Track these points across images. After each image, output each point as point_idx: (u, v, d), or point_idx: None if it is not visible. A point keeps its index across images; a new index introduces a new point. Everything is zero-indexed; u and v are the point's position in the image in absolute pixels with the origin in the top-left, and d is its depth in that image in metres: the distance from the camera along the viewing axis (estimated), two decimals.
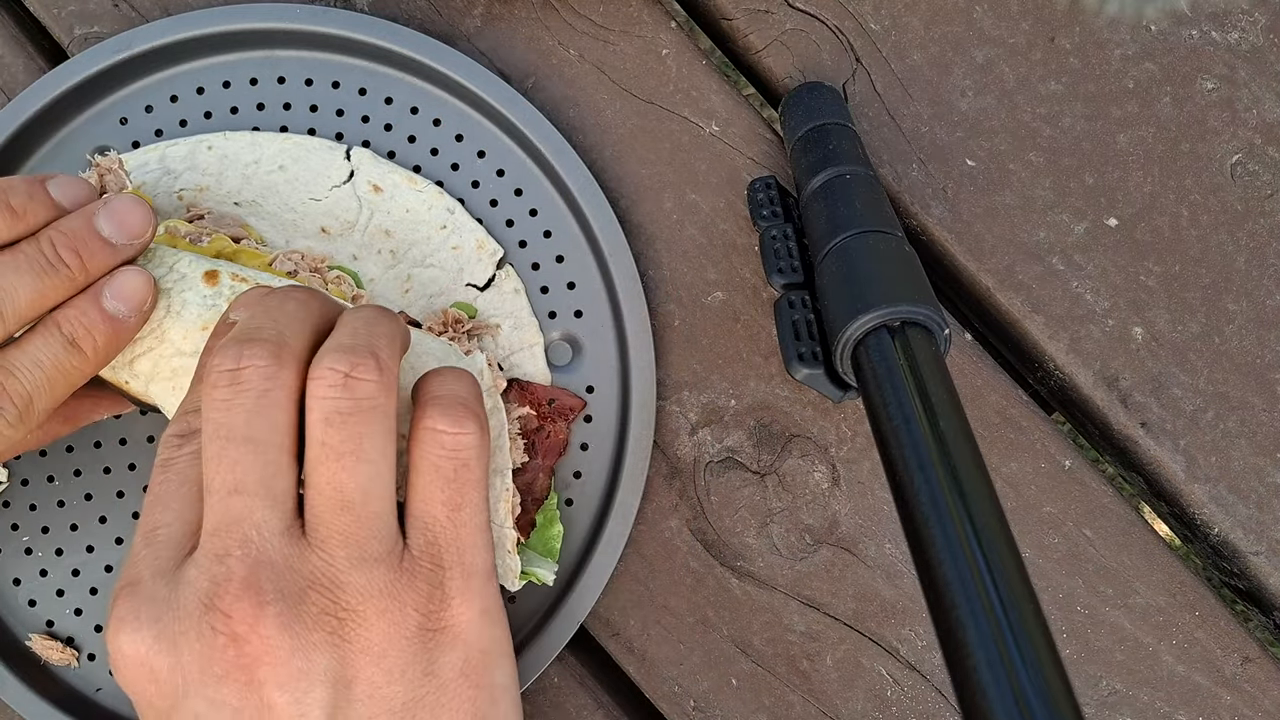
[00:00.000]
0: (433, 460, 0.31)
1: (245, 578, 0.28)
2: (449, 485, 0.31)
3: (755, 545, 0.41)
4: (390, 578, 0.29)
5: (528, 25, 0.44)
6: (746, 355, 0.42)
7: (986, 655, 0.23)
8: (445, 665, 0.30)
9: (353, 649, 0.28)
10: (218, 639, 0.27)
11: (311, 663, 0.28)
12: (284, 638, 0.27)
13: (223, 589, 0.28)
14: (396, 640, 0.29)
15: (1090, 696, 0.41)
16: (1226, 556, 0.42)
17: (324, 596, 0.28)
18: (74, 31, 0.44)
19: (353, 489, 0.29)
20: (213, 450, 0.29)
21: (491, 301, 0.41)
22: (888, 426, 0.30)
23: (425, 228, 0.41)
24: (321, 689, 0.28)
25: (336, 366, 0.29)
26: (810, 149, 0.39)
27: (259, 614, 0.27)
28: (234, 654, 0.27)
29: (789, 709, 0.40)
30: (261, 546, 0.28)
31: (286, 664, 0.27)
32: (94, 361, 0.34)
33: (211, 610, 0.27)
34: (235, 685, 0.27)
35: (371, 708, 0.28)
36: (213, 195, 0.41)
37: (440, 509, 0.31)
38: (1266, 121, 0.43)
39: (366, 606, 0.29)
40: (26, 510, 0.41)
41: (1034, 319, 0.43)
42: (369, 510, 0.29)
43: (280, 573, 0.28)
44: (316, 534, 0.29)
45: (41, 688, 0.39)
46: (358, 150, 0.42)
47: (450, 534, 0.31)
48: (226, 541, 0.28)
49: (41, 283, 0.33)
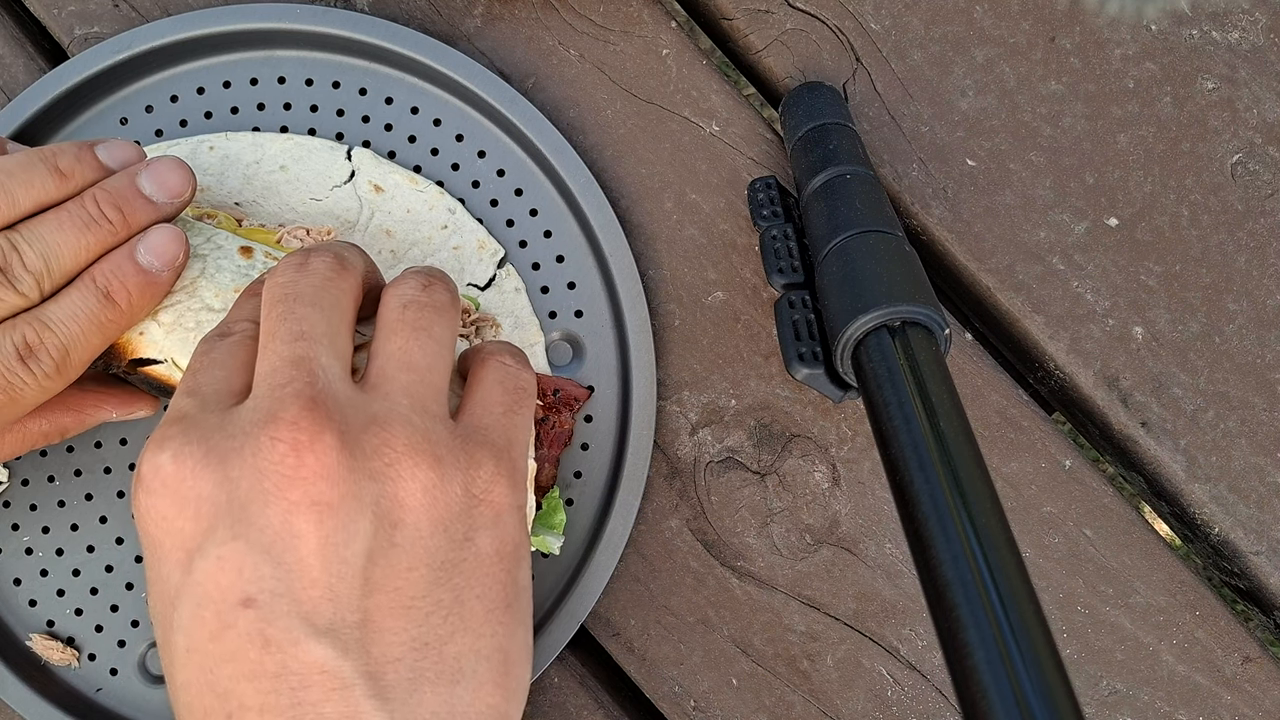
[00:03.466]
0: (497, 375, 0.33)
1: (310, 396, 0.28)
2: (509, 394, 0.32)
3: (755, 545, 0.41)
4: (446, 435, 0.30)
5: (528, 25, 0.44)
6: (747, 355, 0.42)
7: (986, 655, 0.23)
8: (484, 539, 0.30)
9: (404, 488, 0.28)
10: (276, 448, 0.27)
11: (363, 489, 0.27)
12: (343, 455, 0.27)
13: (288, 403, 0.27)
14: (445, 493, 0.29)
15: (1090, 696, 0.41)
16: (1227, 556, 0.42)
17: (385, 431, 0.28)
18: (74, 31, 0.44)
19: (420, 356, 0.30)
20: (278, 310, 0.30)
21: (492, 301, 0.41)
22: (888, 426, 0.30)
23: (426, 228, 0.41)
24: (367, 520, 0.27)
25: (416, 278, 0.32)
26: (810, 149, 0.39)
27: (324, 427, 0.27)
28: (292, 464, 0.27)
29: (789, 709, 0.40)
30: (327, 381, 0.28)
31: (341, 484, 0.27)
32: (128, 314, 0.34)
33: (274, 421, 0.27)
34: (280, 508, 0.27)
35: (412, 555, 0.28)
36: (214, 195, 0.41)
37: (498, 406, 0.32)
38: (1267, 121, 0.43)
39: (423, 451, 0.28)
40: (27, 510, 0.41)
41: (1034, 319, 0.43)
42: (430, 377, 0.30)
43: (343, 405, 0.28)
44: (379, 387, 0.30)
45: (42, 688, 0.39)
46: (359, 150, 0.42)
47: (504, 427, 0.31)
48: (290, 373, 0.28)
49: (85, 238, 0.34)
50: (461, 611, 0.29)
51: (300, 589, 0.26)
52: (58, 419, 0.37)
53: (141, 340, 0.35)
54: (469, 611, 0.29)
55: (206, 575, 0.27)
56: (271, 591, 0.26)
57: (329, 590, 0.27)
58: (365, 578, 0.27)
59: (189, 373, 0.31)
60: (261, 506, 0.27)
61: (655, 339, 0.42)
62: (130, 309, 0.34)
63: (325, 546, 0.27)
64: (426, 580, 0.28)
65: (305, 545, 0.26)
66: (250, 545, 0.26)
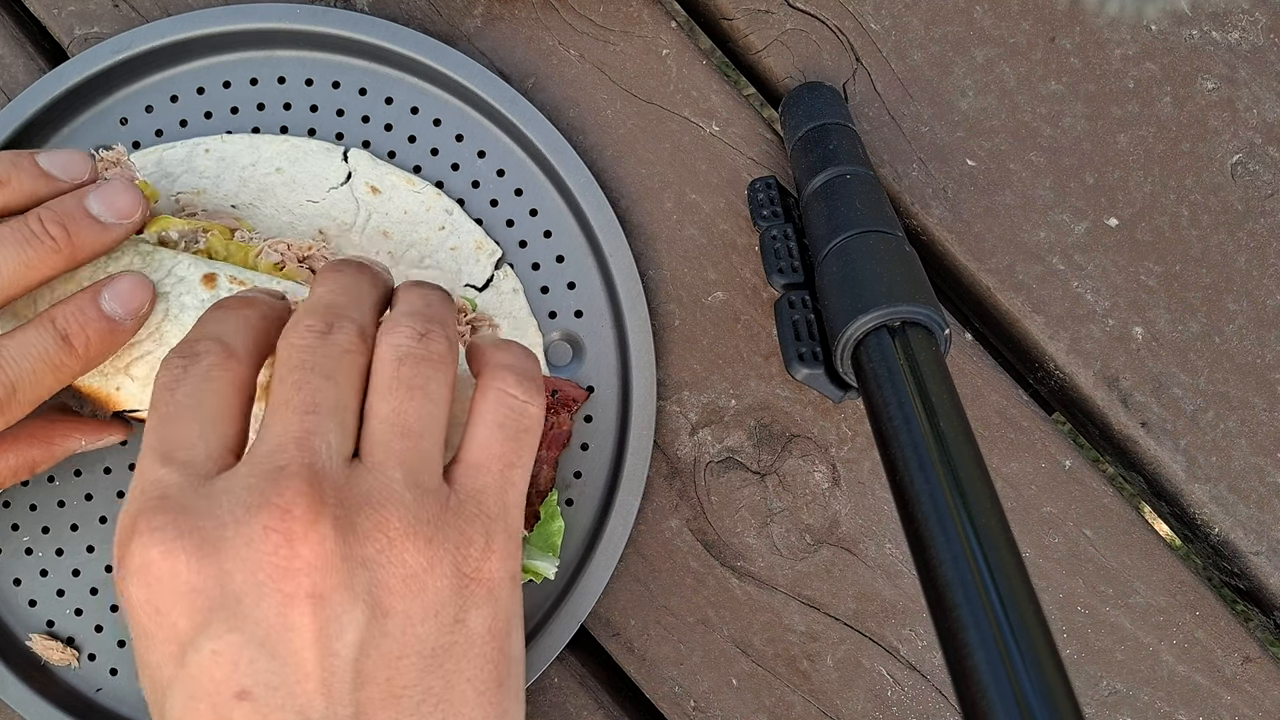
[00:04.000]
0: (498, 415, 0.31)
1: (308, 479, 0.27)
2: (508, 442, 0.31)
3: (755, 545, 0.41)
4: (438, 510, 0.29)
5: (528, 25, 0.44)
6: (747, 355, 0.42)
7: (986, 655, 0.23)
8: (476, 618, 0.29)
9: (395, 574, 0.28)
10: (270, 539, 0.26)
11: (356, 578, 0.27)
12: (338, 544, 0.27)
13: (282, 487, 0.27)
14: (437, 576, 0.28)
15: (1090, 696, 0.41)
16: (1227, 556, 0.42)
17: (378, 513, 0.28)
18: (74, 31, 0.44)
19: (415, 419, 0.30)
20: (294, 377, 0.29)
21: (490, 302, 0.41)
22: (888, 426, 0.30)
23: (423, 229, 0.41)
24: (360, 610, 0.27)
25: (414, 326, 0.31)
26: (810, 149, 0.39)
27: (319, 514, 0.27)
28: (285, 556, 0.26)
29: (789, 709, 0.40)
30: (326, 461, 0.28)
31: (335, 574, 0.27)
32: (83, 360, 0.33)
33: (267, 508, 0.27)
34: (274, 601, 0.26)
35: (402, 644, 0.28)
36: (210, 198, 0.41)
37: (495, 462, 0.31)
38: (1267, 121, 0.43)
39: (416, 533, 0.28)
40: (27, 510, 0.41)
41: (1034, 319, 0.43)
42: (426, 443, 0.30)
43: (339, 486, 0.28)
44: (373, 457, 0.29)
45: (42, 688, 0.39)
46: (355, 151, 0.42)
47: (498, 488, 0.31)
48: (289, 453, 0.28)
49: (25, 253, 0.33)
50: (452, 697, 0.29)
51: (295, 682, 0.26)
52: (25, 453, 0.36)
53: (119, 395, 0.35)
54: (460, 696, 0.29)
55: (201, 669, 0.26)
56: (267, 685, 0.26)
57: (323, 684, 0.27)
58: (357, 670, 0.27)
59: (156, 417, 0.29)
60: (256, 600, 0.26)
61: (655, 339, 0.42)
62: (87, 355, 0.33)
63: (319, 639, 0.26)
64: (417, 669, 0.28)
65: (300, 638, 0.26)
66: (246, 639, 0.26)
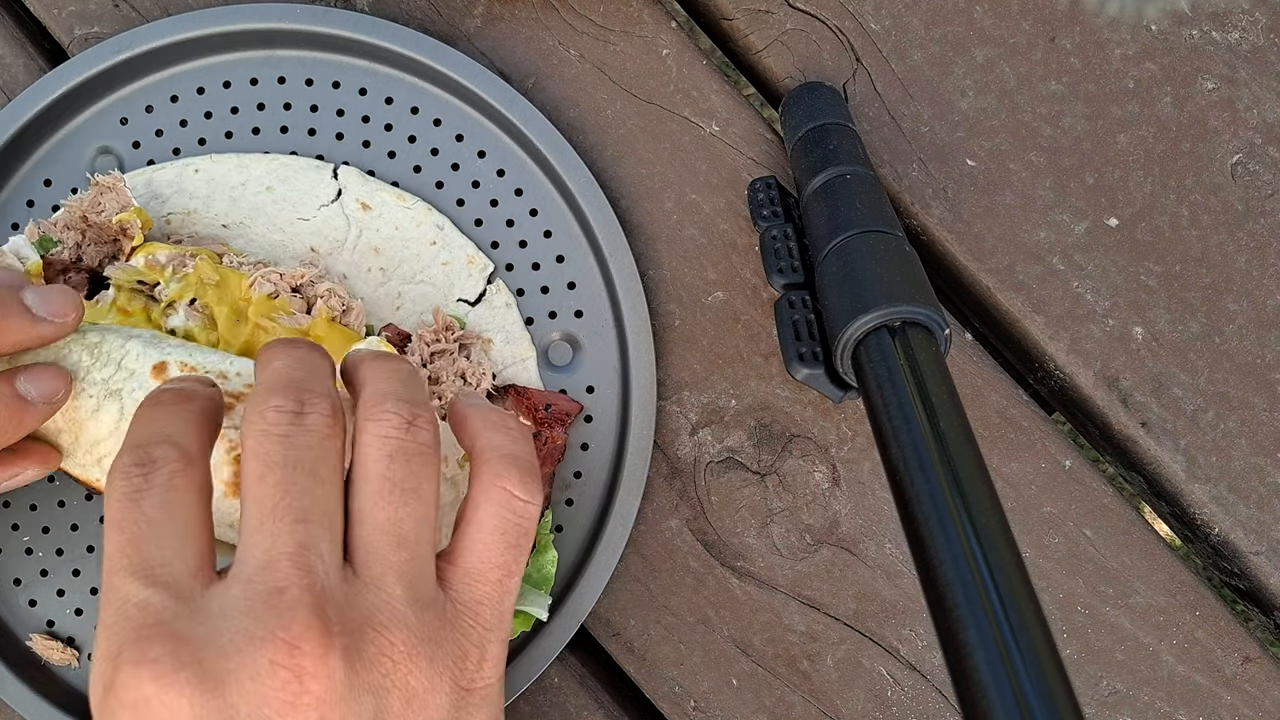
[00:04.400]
0: (500, 521, 0.31)
1: (312, 608, 0.26)
2: (509, 550, 0.31)
3: (755, 545, 0.41)
4: (437, 625, 0.29)
5: (528, 25, 0.44)
6: (747, 355, 0.42)
7: (986, 655, 0.23)
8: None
9: (398, 698, 0.27)
10: (277, 675, 0.25)
11: (362, 705, 0.26)
12: (347, 674, 0.26)
13: (287, 620, 0.26)
14: (436, 694, 0.28)
15: (1090, 696, 0.41)
16: (1227, 556, 0.42)
17: (381, 635, 0.27)
18: (74, 31, 0.44)
19: (410, 527, 0.29)
20: (275, 476, 0.28)
21: (483, 316, 0.41)
22: (888, 426, 0.30)
23: (415, 244, 0.41)
24: None
25: (400, 412, 0.30)
26: (810, 149, 0.39)
27: (328, 648, 0.26)
28: (294, 691, 0.25)
29: (789, 709, 0.40)
30: (324, 579, 0.27)
31: (342, 704, 0.26)
32: None
33: (272, 641, 0.25)
34: None
35: None
36: (200, 218, 0.41)
37: (495, 571, 0.30)
38: (1267, 121, 0.43)
39: (418, 654, 0.28)
40: (27, 510, 0.41)
41: (1034, 319, 0.43)
42: (422, 549, 0.29)
43: (341, 608, 0.27)
44: (370, 570, 0.28)
45: (42, 688, 0.39)
46: (345, 169, 0.42)
47: (496, 597, 0.30)
48: (284, 571, 0.27)
49: None
50: None
51: None
52: None
53: (99, 483, 0.35)
54: None
55: None
56: None
57: None
58: None
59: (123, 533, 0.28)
60: None
61: (655, 339, 0.42)
62: None
63: None
64: None
65: None
66: None
